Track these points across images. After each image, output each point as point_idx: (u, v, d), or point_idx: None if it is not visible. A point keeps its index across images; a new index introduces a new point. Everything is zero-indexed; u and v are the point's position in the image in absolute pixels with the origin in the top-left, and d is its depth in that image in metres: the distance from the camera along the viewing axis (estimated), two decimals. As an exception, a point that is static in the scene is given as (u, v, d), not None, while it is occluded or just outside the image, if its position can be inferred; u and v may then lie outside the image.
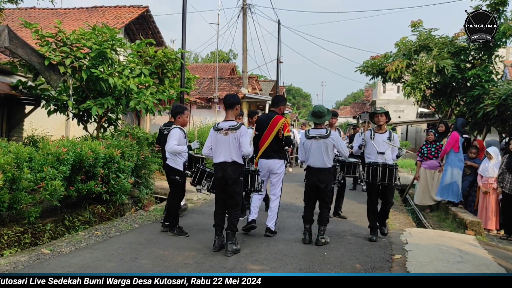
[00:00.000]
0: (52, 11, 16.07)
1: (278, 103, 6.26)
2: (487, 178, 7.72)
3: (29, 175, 5.26)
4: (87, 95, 8.00)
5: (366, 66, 10.86)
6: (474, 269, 4.70)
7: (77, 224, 6.17)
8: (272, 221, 6.07)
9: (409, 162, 19.08)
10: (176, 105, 6.31)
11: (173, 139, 5.63)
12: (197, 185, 5.92)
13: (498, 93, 8.15)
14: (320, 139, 5.54)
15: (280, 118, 6.01)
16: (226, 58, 43.29)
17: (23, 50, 6.92)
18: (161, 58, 8.76)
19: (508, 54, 19.10)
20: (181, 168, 5.88)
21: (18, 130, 9.81)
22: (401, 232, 6.52)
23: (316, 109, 5.65)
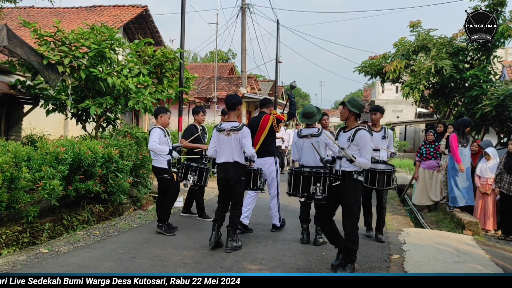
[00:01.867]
0: (51, 10, 16.05)
1: (267, 104, 6.41)
2: (485, 178, 7.74)
3: (27, 175, 5.26)
4: (86, 94, 8.00)
5: (365, 67, 10.88)
6: (471, 269, 4.72)
7: (76, 223, 6.17)
8: (275, 219, 6.29)
9: (407, 162, 19.12)
10: (158, 107, 6.42)
11: (153, 137, 5.73)
12: (183, 180, 6.13)
13: (496, 94, 8.18)
14: (311, 138, 5.59)
15: (268, 116, 6.13)
16: (225, 58, 43.28)
17: (22, 49, 6.91)
18: (160, 58, 8.76)
19: (507, 55, 19.13)
20: (166, 166, 5.92)
21: (17, 130, 9.80)
22: (399, 232, 6.53)
23: (306, 110, 5.73)
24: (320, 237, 5.62)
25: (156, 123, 6.06)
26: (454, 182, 7.78)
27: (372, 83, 39.06)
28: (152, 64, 8.76)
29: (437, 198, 9.00)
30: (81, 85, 7.96)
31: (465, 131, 7.82)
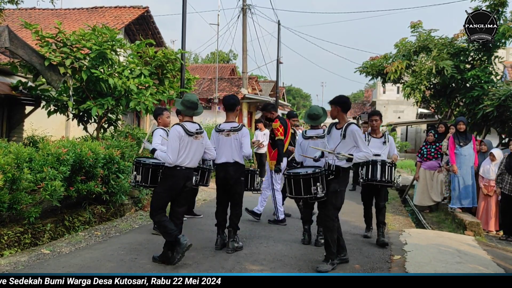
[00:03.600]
0: (52, 11, 16.08)
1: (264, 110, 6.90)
2: (488, 180, 7.72)
3: (29, 176, 5.27)
4: (87, 95, 8.01)
5: (366, 67, 10.87)
6: (473, 270, 4.72)
7: (77, 224, 6.18)
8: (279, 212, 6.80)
9: (408, 163, 19.11)
10: (156, 108, 6.38)
11: (155, 139, 5.65)
12: None
13: (498, 94, 8.16)
14: (317, 139, 5.55)
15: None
16: (226, 59, 43.28)
17: (23, 51, 6.94)
18: (161, 59, 8.77)
19: (508, 55, 19.11)
20: None
21: (18, 131, 9.81)
22: (400, 232, 6.53)
23: (312, 111, 5.60)
24: (322, 238, 5.60)
25: (158, 125, 6.04)
26: (458, 182, 7.77)
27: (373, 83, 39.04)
28: (153, 65, 8.78)
29: (438, 198, 8.99)
30: (82, 86, 7.98)
31: (459, 129, 7.80)
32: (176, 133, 4.51)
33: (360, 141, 4.61)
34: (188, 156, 4.59)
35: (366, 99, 48.21)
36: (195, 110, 4.73)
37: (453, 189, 7.84)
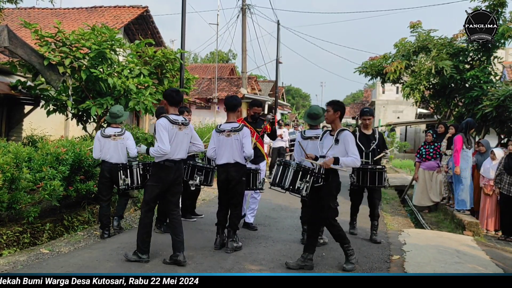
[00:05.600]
0: (51, 11, 16.06)
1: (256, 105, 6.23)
2: (488, 180, 7.71)
3: (28, 175, 5.27)
4: (87, 95, 8.01)
5: (365, 67, 10.89)
6: (472, 270, 4.72)
7: (76, 224, 6.17)
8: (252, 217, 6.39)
9: (408, 163, 19.10)
10: (158, 107, 6.35)
11: None
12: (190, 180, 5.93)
13: (497, 94, 8.17)
14: (316, 140, 5.52)
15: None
16: (225, 59, 43.26)
17: (22, 50, 6.93)
18: (161, 58, 8.77)
19: (507, 55, 19.13)
20: None
21: (17, 130, 9.81)
22: (399, 232, 6.54)
23: (312, 111, 5.61)
24: (321, 238, 5.60)
25: None
26: (462, 185, 7.68)
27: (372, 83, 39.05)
28: (153, 65, 8.78)
29: (437, 198, 9.00)
30: (81, 85, 7.97)
31: (469, 132, 7.79)
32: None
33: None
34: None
35: (365, 99, 48.23)
36: (117, 118, 5.68)
37: (462, 190, 7.72)
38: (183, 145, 4.72)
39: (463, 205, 7.69)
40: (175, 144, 4.61)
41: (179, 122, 4.64)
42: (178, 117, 4.70)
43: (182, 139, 4.70)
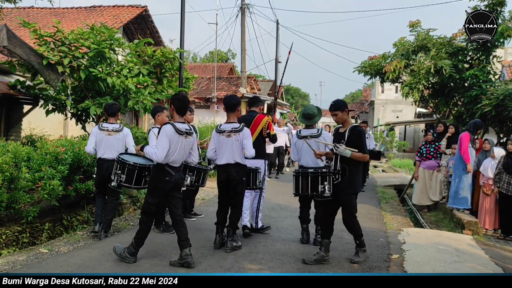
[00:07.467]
0: (50, 10, 16.05)
1: (257, 103, 6.13)
2: (487, 178, 7.71)
3: (27, 175, 5.26)
4: (86, 94, 8.00)
5: (364, 67, 10.87)
6: (471, 269, 4.72)
7: (75, 223, 6.17)
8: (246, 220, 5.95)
9: (407, 162, 19.13)
10: (155, 106, 6.32)
11: (152, 141, 5.47)
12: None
13: (496, 94, 8.18)
14: (311, 139, 5.54)
15: (263, 116, 5.90)
16: (224, 58, 43.23)
17: (21, 50, 6.92)
18: (160, 58, 8.76)
19: (506, 55, 19.12)
20: None
21: (17, 130, 9.80)
22: (398, 232, 6.54)
23: (306, 111, 5.63)
24: (320, 236, 5.60)
25: (155, 123, 6.02)
26: (463, 184, 7.64)
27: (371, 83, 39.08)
28: (152, 64, 8.76)
29: (437, 198, 9.00)
30: (80, 85, 7.96)
31: (477, 133, 7.77)
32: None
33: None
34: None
35: (364, 99, 48.23)
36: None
37: (462, 188, 7.69)
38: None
39: (464, 203, 7.69)
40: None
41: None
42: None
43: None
